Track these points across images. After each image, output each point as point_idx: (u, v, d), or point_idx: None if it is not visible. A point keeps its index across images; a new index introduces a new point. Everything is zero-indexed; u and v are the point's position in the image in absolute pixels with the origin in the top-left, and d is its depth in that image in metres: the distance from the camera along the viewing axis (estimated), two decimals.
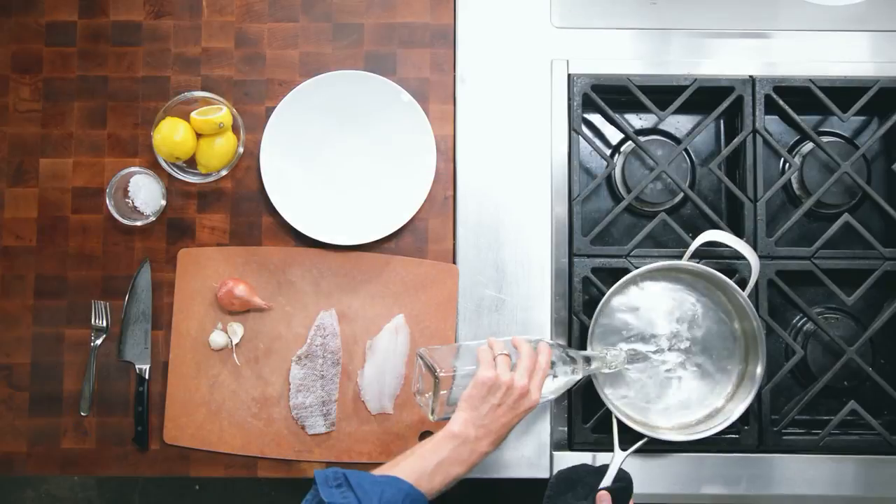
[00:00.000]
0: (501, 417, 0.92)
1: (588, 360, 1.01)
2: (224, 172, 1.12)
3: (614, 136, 1.20)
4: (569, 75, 1.14)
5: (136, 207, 1.11)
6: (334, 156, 1.14)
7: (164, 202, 1.11)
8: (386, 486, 0.85)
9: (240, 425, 1.10)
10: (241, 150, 1.12)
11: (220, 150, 1.10)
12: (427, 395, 0.96)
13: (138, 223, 1.10)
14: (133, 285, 1.12)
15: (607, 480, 0.99)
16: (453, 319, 1.11)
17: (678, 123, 1.20)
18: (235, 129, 1.12)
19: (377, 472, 0.89)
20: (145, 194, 1.11)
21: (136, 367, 1.11)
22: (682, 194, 1.16)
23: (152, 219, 1.11)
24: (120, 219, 1.10)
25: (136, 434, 1.11)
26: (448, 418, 0.93)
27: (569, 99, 1.14)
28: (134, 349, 1.12)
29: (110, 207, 1.09)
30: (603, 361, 1.02)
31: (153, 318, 1.12)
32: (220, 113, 1.09)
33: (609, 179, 1.18)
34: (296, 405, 1.09)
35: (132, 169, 1.10)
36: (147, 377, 1.11)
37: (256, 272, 1.12)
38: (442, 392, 0.94)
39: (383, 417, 1.10)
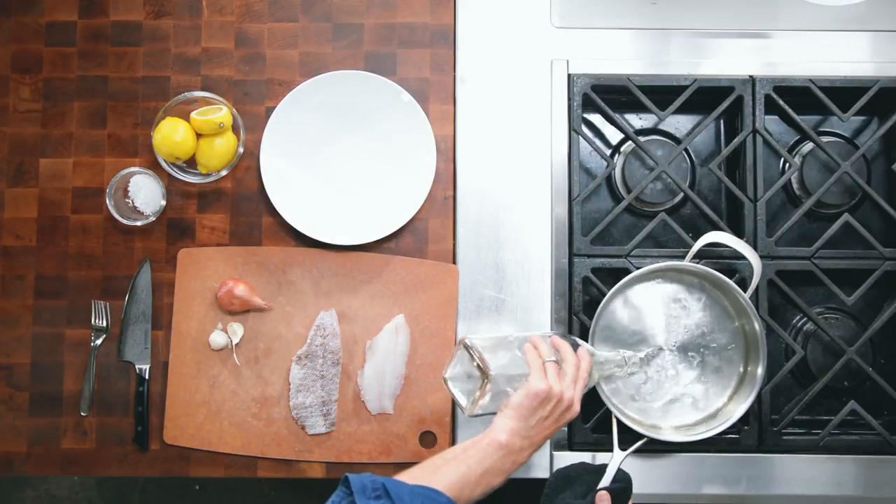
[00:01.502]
0: (546, 430, 0.91)
1: (606, 362, 1.01)
2: (224, 172, 1.12)
3: (614, 136, 1.20)
4: (569, 75, 1.14)
5: (136, 207, 1.11)
6: (334, 156, 1.14)
7: (164, 202, 1.11)
8: (426, 499, 0.82)
9: (240, 425, 1.10)
10: (241, 150, 1.12)
11: (220, 150, 1.10)
12: (469, 388, 0.93)
13: (138, 223, 1.10)
14: (133, 285, 1.12)
15: (606, 480, 0.99)
16: (453, 319, 1.11)
17: (678, 123, 1.20)
18: (235, 129, 1.12)
19: (415, 472, 0.86)
20: (145, 194, 1.11)
21: (136, 367, 1.11)
22: (682, 194, 1.16)
23: (152, 219, 1.11)
24: (120, 219, 1.10)
25: (136, 434, 1.11)
26: (481, 415, 0.92)
27: (569, 99, 1.14)
28: (134, 349, 1.12)
29: (110, 207, 1.09)
30: (621, 363, 1.02)
31: (153, 318, 1.12)
32: (220, 113, 1.09)
33: (609, 179, 1.18)
34: (296, 405, 1.09)
35: (132, 169, 1.11)
36: (147, 377, 1.11)
37: (256, 272, 1.12)
38: (488, 391, 0.91)
39: (383, 417, 1.10)
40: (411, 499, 0.80)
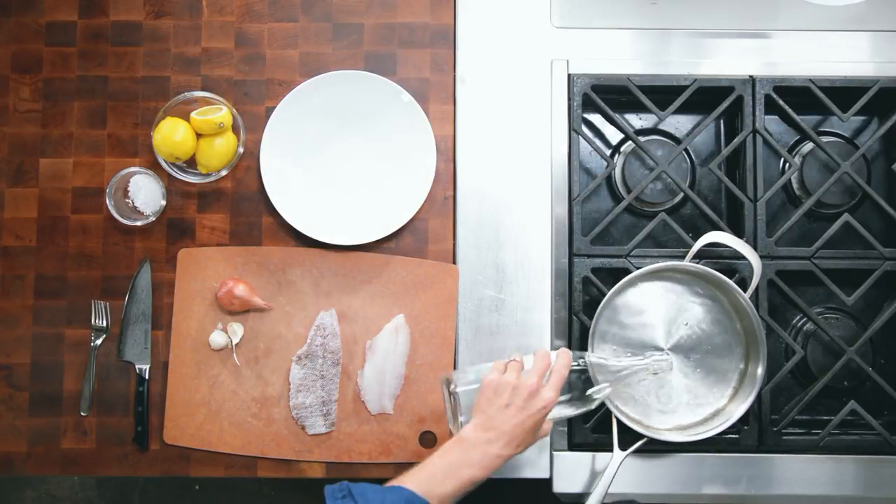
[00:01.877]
0: (512, 418, 0.90)
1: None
2: (224, 172, 1.12)
3: (614, 136, 1.20)
4: (569, 75, 1.14)
5: (136, 207, 1.11)
6: (334, 156, 1.14)
7: (164, 202, 1.11)
8: (387, 493, 0.85)
9: (240, 425, 1.10)
10: (241, 150, 1.12)
11: (220, 150, 1.10)
12: (454, 418, 0.95)
13: (138, 223, 1.10)
14: (133, 285, 1.12)
15: (605, 480, 1.01)
16: (453, 319, 1.11)
17: (678, 123, 1.20)
18: (235, 129, 1.12)
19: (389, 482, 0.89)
20: (145, 194, 1.11)
21: (136, 367, 1.11)
22: (682, 194, 1.16)
23: (152, 219, 1.11)
24: (120, 219, 1.10)
25: (136, 434, 1.11)
26: None
27: (569, 99, 1.14)
28: (134, 349, 1.12)
29: (110, 207, 1.09)
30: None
31: (153, 318, 1.12)
32: (220, 113, 1.09)
33: (609, 179, 1.18)
34: (296, 405, 1.09)
35: (132, 169, 1.11)
36: (147, 377, 1.11)
37: (256, 272, 1.12)
38: (460, 407, 0.94)
39: (383, 417, 1.10)
40: (374, 494, 0.85)
